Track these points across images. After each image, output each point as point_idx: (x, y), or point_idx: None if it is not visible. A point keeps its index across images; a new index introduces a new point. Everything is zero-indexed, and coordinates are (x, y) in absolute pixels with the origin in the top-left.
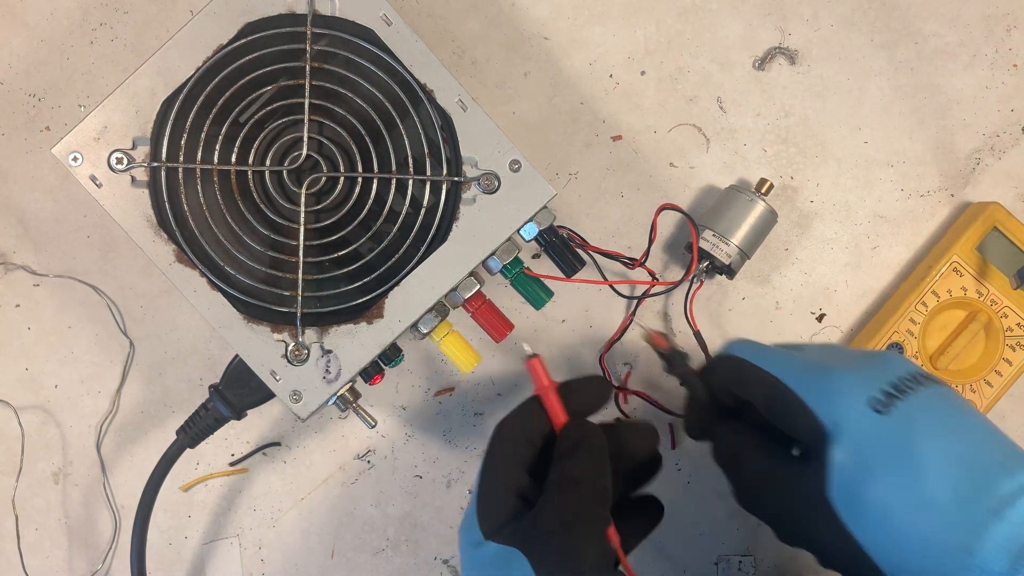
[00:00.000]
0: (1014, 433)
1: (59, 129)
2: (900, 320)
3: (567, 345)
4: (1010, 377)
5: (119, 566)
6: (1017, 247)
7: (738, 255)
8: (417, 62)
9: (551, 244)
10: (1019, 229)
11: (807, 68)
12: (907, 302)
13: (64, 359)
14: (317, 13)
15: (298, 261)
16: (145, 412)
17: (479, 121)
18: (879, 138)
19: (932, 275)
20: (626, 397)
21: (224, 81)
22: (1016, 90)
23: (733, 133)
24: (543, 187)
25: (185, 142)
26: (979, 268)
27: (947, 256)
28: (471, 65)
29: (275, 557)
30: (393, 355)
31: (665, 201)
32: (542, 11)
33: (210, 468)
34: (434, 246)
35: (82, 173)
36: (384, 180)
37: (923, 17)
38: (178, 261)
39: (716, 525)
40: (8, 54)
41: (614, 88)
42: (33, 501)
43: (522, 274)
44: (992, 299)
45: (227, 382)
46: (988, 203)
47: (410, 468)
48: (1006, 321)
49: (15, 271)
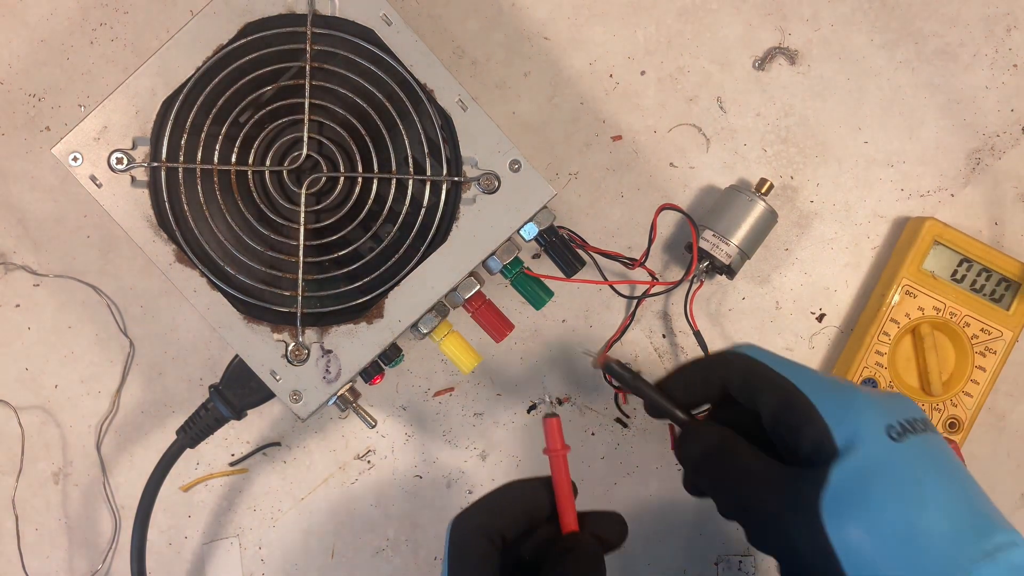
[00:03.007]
0: (1014, 432)
1: (59, 129)
2: (867, 354)
3: (567, 345)
4: (987, 383)
5: (119, 566)
6: (962, 255)
7: (738, 255)
8: (417, 62)
9: (551, 244)
10: (959, 238)
11: (807, 68)
12: (869, 335)
13: (64, 359)
14: (317, 13)
15: (298, 261)
16: (145, 412)
17: (479, 121)
18: (879, 138)
19: (887, 303)
20: (626, 397)
21: (224, 81)
22: (1016, 90)
23: (733, 133)
24: (543, 187)
25: (185, 142)
26: (931, 285)
27: (896, 281)
28: (471, 65)
29: (275, 557)
30: (393, 355)
31: (665, 201)
32: (542, 11)
33: (210, 468)
34: (434, 246)
35: (82, 173)
36: (384, 180)
37: (923, 17)
38: (178, 261)
39: (716, 525)
40: (8, 54)
41: (614, 88)
42: (33, 501)
43: (522, 274)
44: (951, 311)
45: (227, 382)
46: (924, 219)
47: (410, 468)
48: (969, 330)
49: (15, 271)
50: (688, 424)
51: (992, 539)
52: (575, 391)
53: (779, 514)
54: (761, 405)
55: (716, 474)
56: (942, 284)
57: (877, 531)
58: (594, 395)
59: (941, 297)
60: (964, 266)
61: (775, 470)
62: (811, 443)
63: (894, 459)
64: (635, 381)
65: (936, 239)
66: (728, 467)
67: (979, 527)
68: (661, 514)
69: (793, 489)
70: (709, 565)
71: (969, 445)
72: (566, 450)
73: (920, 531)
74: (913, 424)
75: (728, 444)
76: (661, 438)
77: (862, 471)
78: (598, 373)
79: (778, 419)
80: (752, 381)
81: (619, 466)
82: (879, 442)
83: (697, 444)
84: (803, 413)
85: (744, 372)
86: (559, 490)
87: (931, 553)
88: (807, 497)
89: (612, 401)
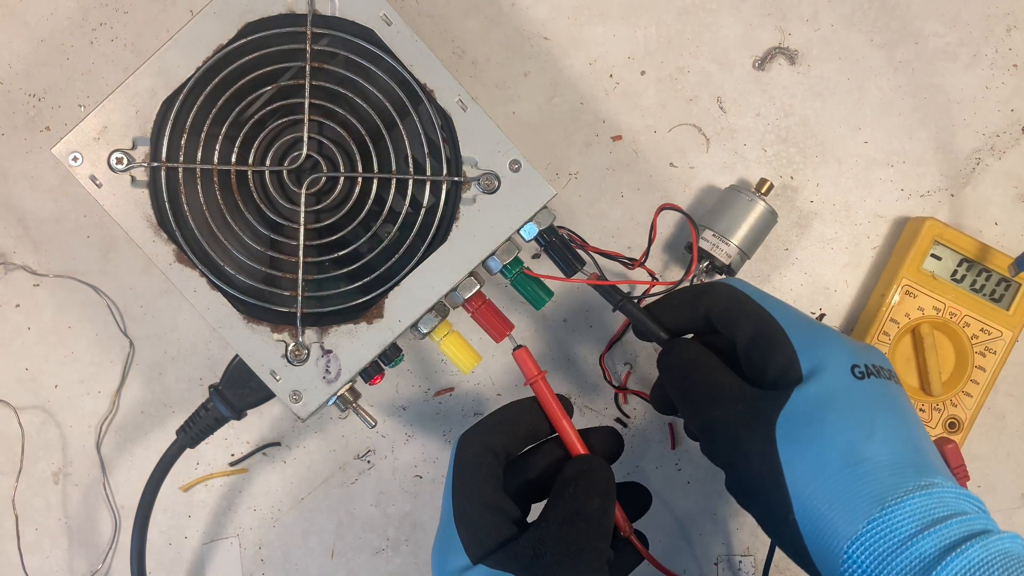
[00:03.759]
0: (1014, 432)
1: (59, 129)
2: None
3: (567, 345)
4: (987, 383)
5: (119, 566)
6: (962, 255)
7: (738, 255)
8: (417, 62)
9: (551, 244)
10: (959, 238)
11: (807, 68)
12: (869, 335)
13: (64, 359)
14: (317, 13)
15: (298, 261)
16: (145, 412)
17: (479, 121)
18: (879, 138)
19: (887, 303)
20: (626, 397)
21: (224, 81)
22: (1016, 90)
23: (733, 133)
24: (543, 187)
25: (185, 142)
26: (931, 285)
27: (896, 281)
28: (471, 65)
29: (275, 557)
30: (393, 355)
31: (665, 201)
32: (542, 11)
33: (210, 468)
34: (434, 246)
35: (82, 173)
36: (384, 180)
37: (923, 17)
38: (178, 261)
39: (716, 525)
40: (8, 54)
41: (614, 88)
42: (33, 501)
43: (522, 274)
44: (951, 311)
45: (227, 382)
46: (924, 219)
47: (410, 468)
48: (969, 330)
49: (15, 271)
50: (669, 340)
51: (930, 478)
52: (575, 391)
53: (737, 426)
54: (738, 332)
55: (687, 384)
56: (942, 284)
57: (823, 452)
58: (594, 395)
59: (941, 297)
60: (964, 266)
61: (741, 387)
62: (778, 368)
63: (852, 392)
64: (624, 302)
65: (936, 239)
66: (699, 378)
67: (919, 465)
68: (661, 514)
69: (754, 405)
70: (709, 565)
71: (969, 445)
72: (543, 374)
73: (863, 458)
74: (878, 370)
75: (703, 359)
76: (661, 438)
77: (820, 397)
78: (598, 373)
79: (752, 345)
80: (732, 310)
81: (619, 466)
82: (841, 375)
83: (676, 356)
84: (775, 340)
85: (726, 300)
86: (551, 414)
87: (869, 478)
88: (765, 414)
89: (612, 401)
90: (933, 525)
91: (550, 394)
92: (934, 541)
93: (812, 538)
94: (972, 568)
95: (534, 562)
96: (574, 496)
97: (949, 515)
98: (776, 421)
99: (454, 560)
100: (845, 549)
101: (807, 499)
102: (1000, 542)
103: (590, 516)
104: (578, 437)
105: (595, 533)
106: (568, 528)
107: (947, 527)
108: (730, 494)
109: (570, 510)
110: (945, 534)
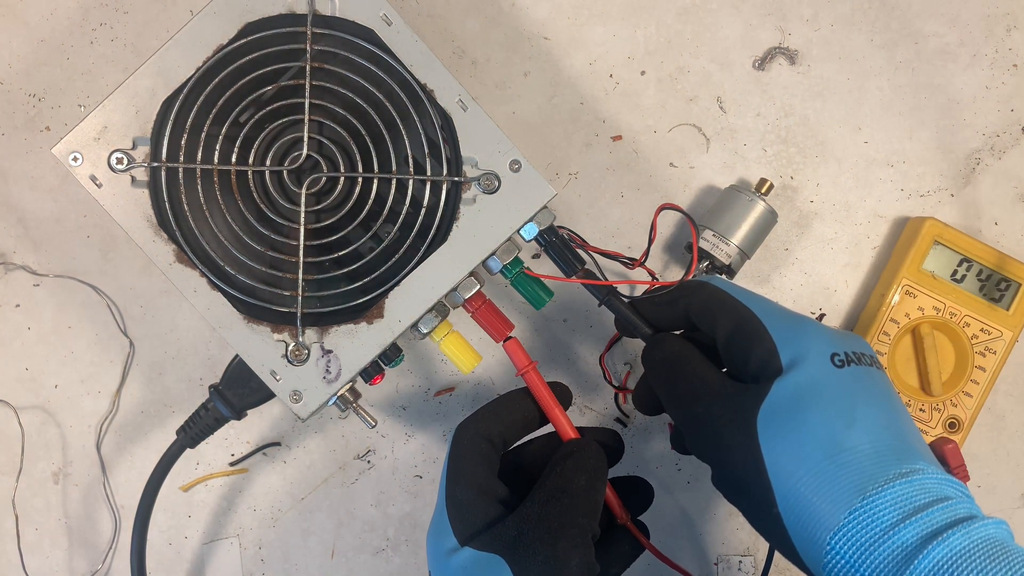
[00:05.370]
0: (1014, 432)
1: (59, 129)
2: None
3: (567, 345)
4: (987, 383)
5: (119, 566)
6: (962, 255)
7: (738, 255)
8: (417, 62)
9: (551, 244)
10: (959, 238)
11: (807, 68)
12: (869, 335)
13: (64, 359)
14: (317, 13)
15: (298, 261)
16: (145, 412)
17: (479, 121)
18: (879, 138)
19: (887, 303)
20: (626, 397)
21: (224, 81)
22: (1016, 90)
23: (733, 133)
24: (543, 187)
25: (185, 142)
26: (931, 285)
27: (896, 281)
28: (471, 65)
29: (275, 557)
30: (393, 355)
31: (665, 201)
32: (542, 11)
33: (210, 468)
34: (434, 246)
35: (82, 173)
36: (384, 180)
37: (923, 17)
38: (178, 261)
39: (716, 525)
40: (8, 54)
41: (614, 88)
42: (33, 501)
43: (522, 274)
44: (951, 311)
45: (227, 382)
46: (924, 219)
47: (410, 468)
48: (969, 330)
49: (15, 271)
50: (653, 335)
51: (912, 464)
52: (575, 391)
53: (719, 422)
54: (717, 328)
55: (670, 379)
56: (942, 284)
57: (804, 443)
58: (594, 395)
59: (941, 297)
60: (964, 266)
61: (723, 382)
62: (759, 361)
63: (832, 381)
64: (609, 297)
65: (936, 239)
66: (681, 373)
67: (901, 452)
68: (661, 514)
69: (735, 400)
70: (709, 565)
71: (969, 445)
72: (533, 364)
73: (844, 447)
74: (860, 357)
75: (686, 353)
76: (661, 438)
77: (800, 388)
78: (598, 373)
79: (731, 340)
80: (711, 306)
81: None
82: (821, 365)
83: (660, 351)
84: (754, 334)
85: (705, 298)
86: (542, 402)
87: (850, 468)
88: (746, 408)
89: (612, 401)
90: (915, 513)
91: (541, 383)
92: (915, 529)
93: (796, 530)
94: (954, 556)
95: (517, 540)
96: (560, 474)
97: (931, 502)
98: (757, 415)
99: (444, 542)
100: (828, 540)
101: (789, 491)
102: (984, 528)
103: (574, 493)
104: (570, 423)
105: (579, 509)
106: (551, 505)
107: (929, 515)
108: (717, 489)
109: (555, 488)
110: (927, 522)
